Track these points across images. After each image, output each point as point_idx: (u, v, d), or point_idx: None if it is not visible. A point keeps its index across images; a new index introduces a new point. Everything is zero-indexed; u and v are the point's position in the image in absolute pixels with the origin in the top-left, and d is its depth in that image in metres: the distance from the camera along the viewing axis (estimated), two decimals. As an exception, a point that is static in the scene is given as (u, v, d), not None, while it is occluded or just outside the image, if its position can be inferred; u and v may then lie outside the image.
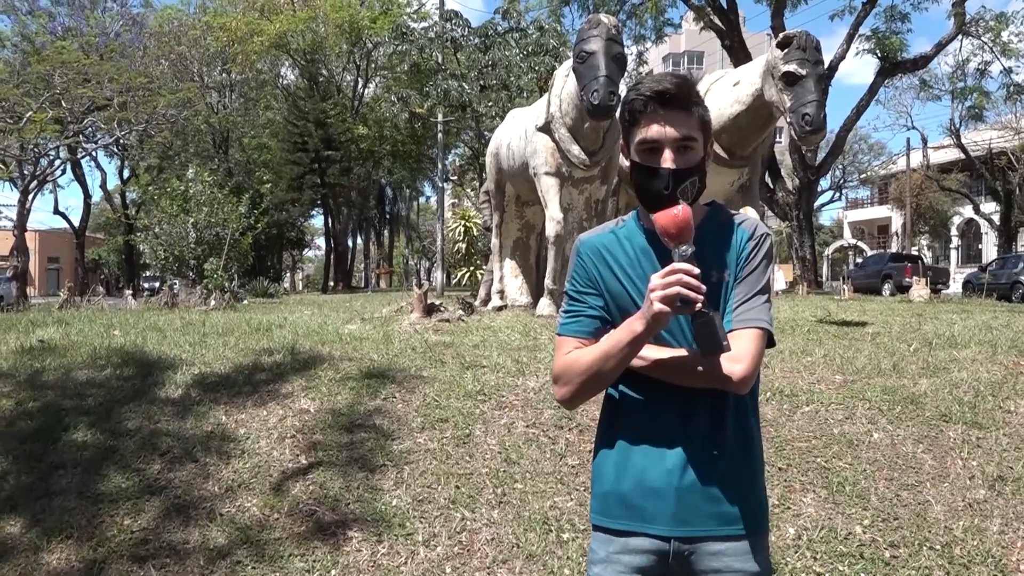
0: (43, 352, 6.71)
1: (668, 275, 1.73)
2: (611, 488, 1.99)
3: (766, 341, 1.93)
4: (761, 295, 1.94)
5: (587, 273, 2.03)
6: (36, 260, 59.60)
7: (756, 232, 1.98)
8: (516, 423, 5.06)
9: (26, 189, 28.51)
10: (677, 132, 1.87)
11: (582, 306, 2.02)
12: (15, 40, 37.71)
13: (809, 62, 7.43)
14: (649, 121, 1.89)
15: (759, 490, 2.01)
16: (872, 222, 58.94)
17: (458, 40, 26.36)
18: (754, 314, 1.91)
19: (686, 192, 1.86)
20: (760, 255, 1.96)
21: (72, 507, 4.34)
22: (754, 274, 1.95)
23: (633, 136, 1.93)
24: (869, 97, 28.67)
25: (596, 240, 2.07)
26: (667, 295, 1.72)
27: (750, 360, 1.86)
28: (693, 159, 1.89)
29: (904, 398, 5.24)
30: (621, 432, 2.00)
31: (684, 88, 1.90)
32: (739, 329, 1.90)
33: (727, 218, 2.02)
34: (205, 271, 17.37)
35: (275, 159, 42.08)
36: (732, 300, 1.93)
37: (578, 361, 1.94)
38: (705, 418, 1.92)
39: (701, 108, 1.94)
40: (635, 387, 1.98)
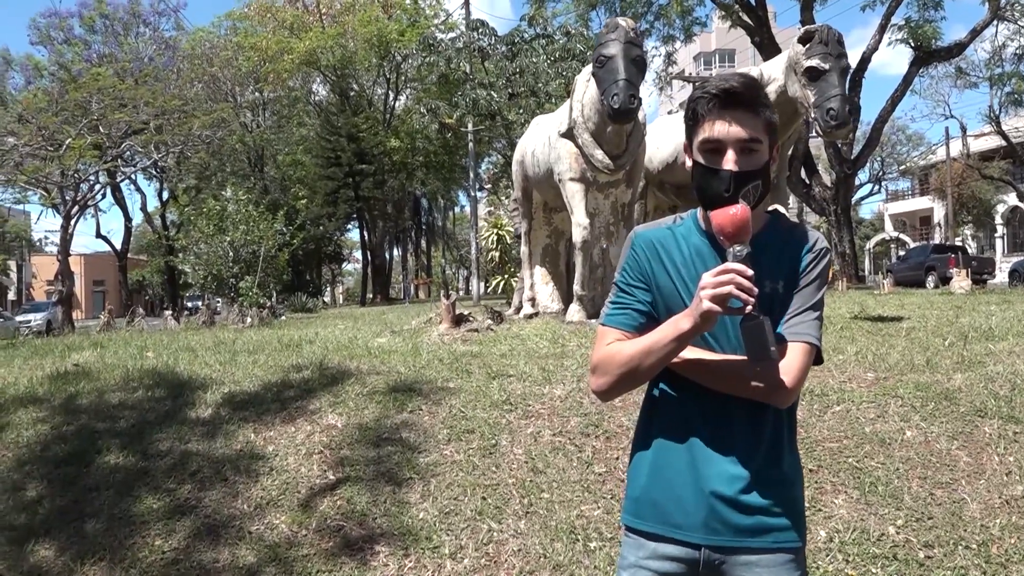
0: (77, 376, 6.83)
1: (721, 274, 1.69)
2: (644, 491, 1.96)
3: (813, 357, 1.88)
4: (813, 311, 1.89)
5: (639, 267, 1.99)
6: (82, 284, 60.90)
7: (816, 246, 1.93)
8: (542, 432, 5.03)
9: (68, 214, 29.02)
10: (742, 132, 1.82)
11: (629, 299, 1.99)
12: (52, 69, 38.52)
13: (832, 56, 7.33)
14: (713, 120, 1.84)
15: (796, 503, 1.95)
16: (914, 214, 58.02)
17: (485, 49, 26.44)
18: (805, 328, 1.87)
19: (748, 196, 1.81)
20: (817, 270, 1.91)
21: (104, 529, 4.40)
22: (809, 288, 1.90)
23: (696, 135, 1.89)
24: (904, 87, 28.23)
25: (651, 234, 2.03)
26: (718, 294, 1.68)
27: (795, 374, 1.82)
28: (757, 162, 1.84)
29: (938, 394, 5.13)
30: (657, 434, 1.97)
31: (751, 88, 1.85)
32: (789, 342, 1.85)
33: (788, 228, 1.98)
34: (240, 289, 17.58)
35: (309, 175, 42.55)
36: (785, 312, 1.89)
37: (619, 353, 1.90)
38: (743, 427, 1.88)
39: (768, 110, 1.88)
40: (675, 388, 1.95)
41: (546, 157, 9.57)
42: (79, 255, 58.77)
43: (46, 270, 49.41)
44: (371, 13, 40.92)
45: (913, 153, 58.03)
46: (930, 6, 26.87)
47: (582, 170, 8.90)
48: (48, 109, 27.95)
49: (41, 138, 27.28)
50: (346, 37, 40.52)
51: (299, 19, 42.79)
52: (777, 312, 1.88)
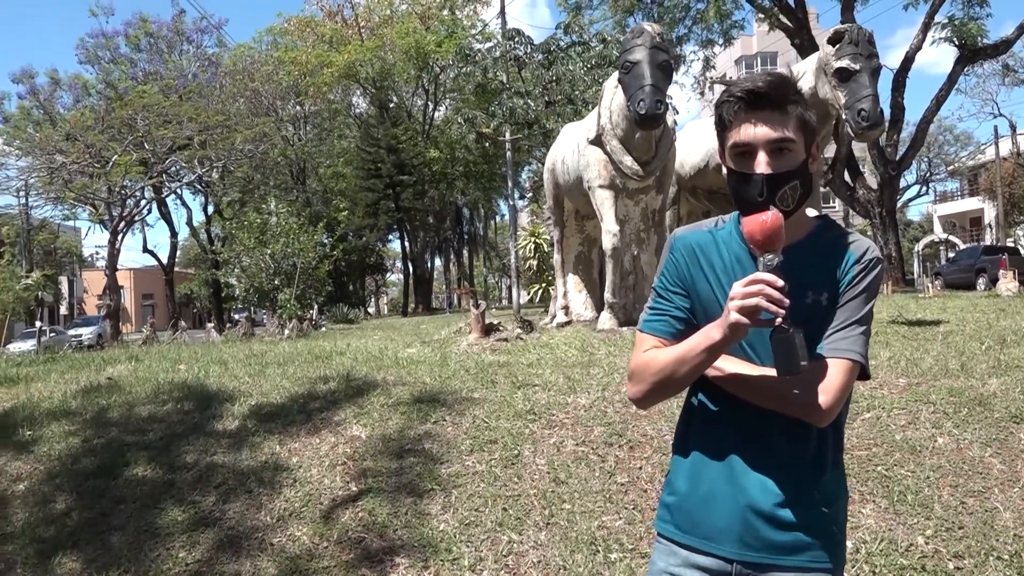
0: (110, 389, 6.93)
1: (750, 284, 1.62)
2: (679, 500, 1.91)
3: (856, 374, 1.79)
4: (859, 325, 1.79)
5: (678, 271, 1.94)
6: (132, 297, 62.13)
7: (865, 256, 1.82)
8: (565, 442, 4.99)
9: (115, 230, 29.64)
10: (771, 133, 1.74)
11: (668, 305, 1.93)
12: (100, 88, 39.37)
13: (862, 56, 7.21)
14: (741, 123, 1.77)
15: (836, 524, 1.87)
16: (963, 215, 56.84)
17: (521, 58, 26.48)
18: (848, 344, 1.77)
19: (785, 198, 1.74)
20: (866, 282, 1.81)
21: (130, 541, 4.44)
22: (855, 301, 1.80)
23: (726, 140, 1.82)
24: (949, 86, 27.70)
25: (691, 238, 1.96)
26: (745, 305, 1.61)
27: (834, 393, 1.73)
28: (792, 162, 1.76)
29: (971, 399, 4.99)
30: (695, 443, 1.92)
31: (779, 86, 1.77)
32: (829, 358, 1.77)
33: (837, 236, 1.87)
34: (279, 301, 17.77)
35: (350, 186, 42.96)
36: (829, 326, 1.80)
37: (654, 361, 1.85)
38: (782, 442, 1.81)
39: (800, 107, 1.79)
40: (713, 399, 1.89)
41: (575, 164, 9.54)
42: (128, 269, 59.98)
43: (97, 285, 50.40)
44: (409, 25, 41.23)
45: (961, 153, 56.95)
46: (975, 3, 26.37)
47: (611, 177, 8.85)
48: (95, 127, 28.60)
49: (88, 155, 27.92)
50: (384, 49, 40.88)
51: (338, 33, 43.27)
52: (818, 325, 1.80)
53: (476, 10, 44.66)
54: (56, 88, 38.99)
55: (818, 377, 1.73)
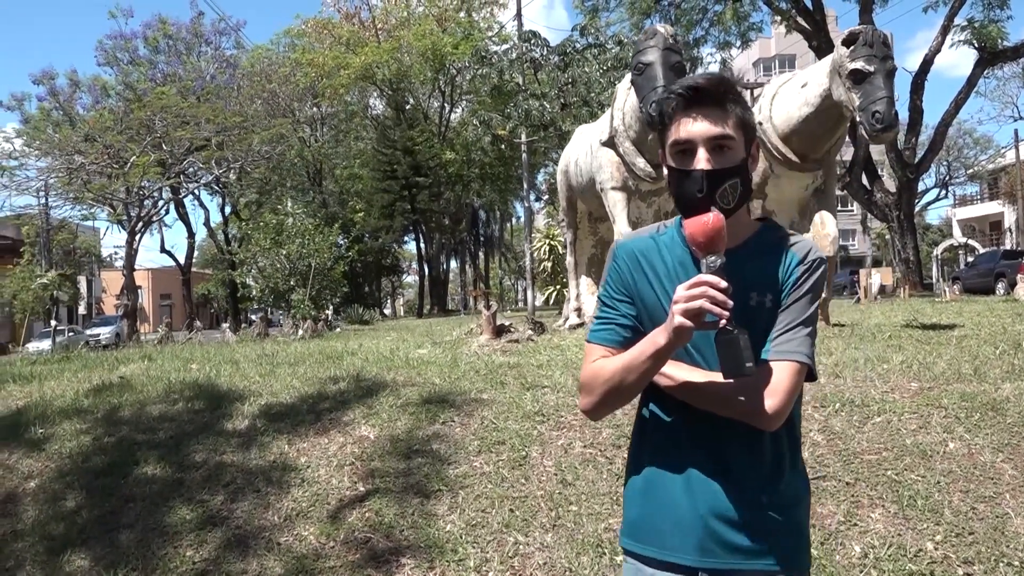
0: (121, 388, 6.97)
1: (693, 287, 1.62)
2: (639, 514, 1.90)
3: (804, 376, 1.79)
4: (804, 326, 1.80)
5: (622, 279, 1.93)
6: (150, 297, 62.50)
7: (808, 257, 1.83)
8: (573, 443, 4.97)
9: (133, 230, 29.84)
10: (711, 129, 1.75)
11: (613, 313, 1.93)
12: (119, 89, 39.65)
13: (877, 58, 7.15)
14: (680, 120, 1.78)
15: (797, 525, 1.87)
16: (983, 219, 56.37)
17: (538, 60, 26.42)
18: (794, 346, 1.78)
19: (725, 196, 1.74)
20: (809, 282, 1.82)
21: (138, 539, 4.46)
22: (800, 303, 1.80)
23: (667, 139, 1.82)
24: (968, 89, 27.50)
25: (634, 245, 1.96)
26: (689, 308, 1.61)
27: (782, 396, 1.73)
28: (732, 159, 1.76)
29: (984, 404, 4.94)
30: (649, 455, 1.90)
31: (718, 84, 1.78)
32: (775, 361, 1.77)
33: (779, 238, 1.88)
34: (292, 302, 17.84)
35: (366, 188, 43.06)
36: (774, 328, 1.80)
37: (602, 371, 1.85)
38: (738, 446, 1.81)
39: (739, 106, 1.80)
40: (664, 408, 1.89)
41: (588, 166, 9.53)
42: (146, 270, 60.34)
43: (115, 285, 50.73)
44: (426, 27, 41.31)
45: (981, 156, 56.54)
46: (995, 5, 26.17)
47: (624, 179, 8.83)
48: (114, 128, 28.80)
49: (107, 156, 28.14)
50: (401, 51, 40.96)
51: (355, 35, 43.41)
52: (763, 327, 1.80)
53: (493, 12, 44.79)
54: (76, 89, 39.32)
55: (765, 381, 1.73)
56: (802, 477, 1.92)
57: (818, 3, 27.21)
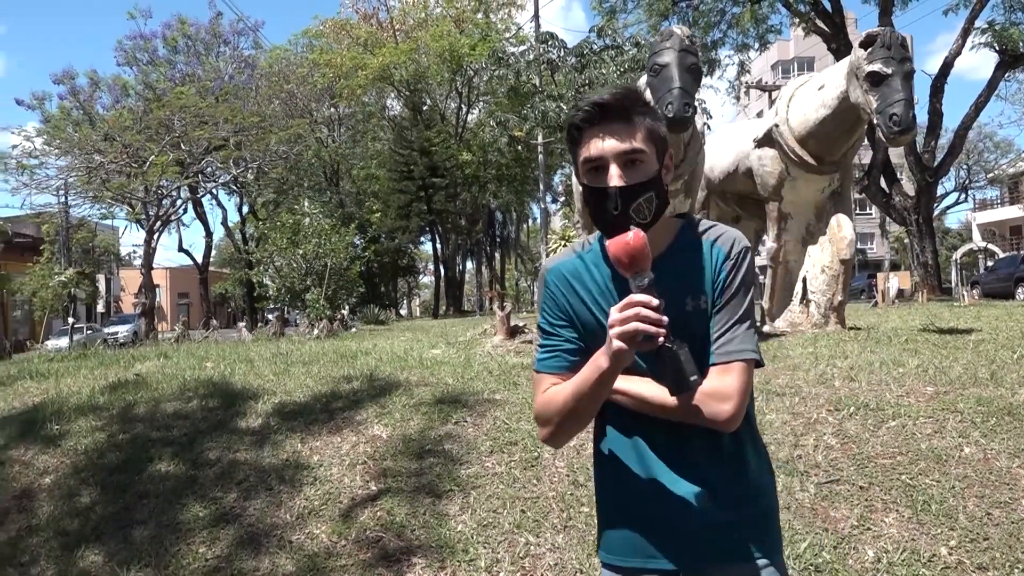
0: (137, 386, 7.02)
1: (625, 308, 1.59)
2: (612, 525, 1.91)
3: (753, 372, 1.79)
4: (742, 323, 1.78)
5: (557, 304, 1.90)
6: (167, 296, 62.87)
7: (733, 251, 1.81)
8: (585, 445, 4.95)
9: (151, 229, 30.08)
10: (620, 145, 1.72)
11: (556, 340, 1.90)
12: (139, 89, 39.94)
13: (894, 60, 7.11)
14: (589, 138, 1.75)
15: (767, 512, 1.88)
16: (1003, 223, 55.89)
17: (554, 61, 26.46)
18: (737, 345, 1.77)
19: (640, 210, 1.72)
20: (739, 277, 1.80)
21: (151, 536, 4.49)
22: (735, 299, 1.79)
23: (579, 156, 1.80)
24: (989, 92, 27.28)
25: (562, 267, 1.93)
26: (625, 332, 1.58)
27: (737, 398, 1.73)
28: (645, 173, 1.73)
29: (1000, 409, 4.89)
30: (614, 466, 1.90)
31: (624, 98, 1.76)
32: (722, 363, 1.76)
33: (700, 234, 1.85)
34: (307, 301, 17.91)
35: (383, 188, 43.15)
36: (712, 330, 1.78)
37: (553, 399, 1.83)
38: (702, 449, 1.81)
39: (648, 118, 1.78)
40: (622, 421, 1.87)
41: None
42: (164, 268, 60.73)
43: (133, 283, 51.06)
44: (443, 28, 41.41)
45: (1001, 160, 56.08)
46: (1017, 8, 26.00)
47: (638, 180, 8.80)
48: (133, 127, 29.04)
49: (126, 155, 28.37)
50: (419, 52, 41.07)
51: (373, 35, 43.55)
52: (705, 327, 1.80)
53: (510, 14, 44.80)
54: (96, 89, 39.60)
55: (718, 385, 1.72)
56: (765, 461, 1.92)
57: (837, 5, 27.06)
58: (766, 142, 8.64)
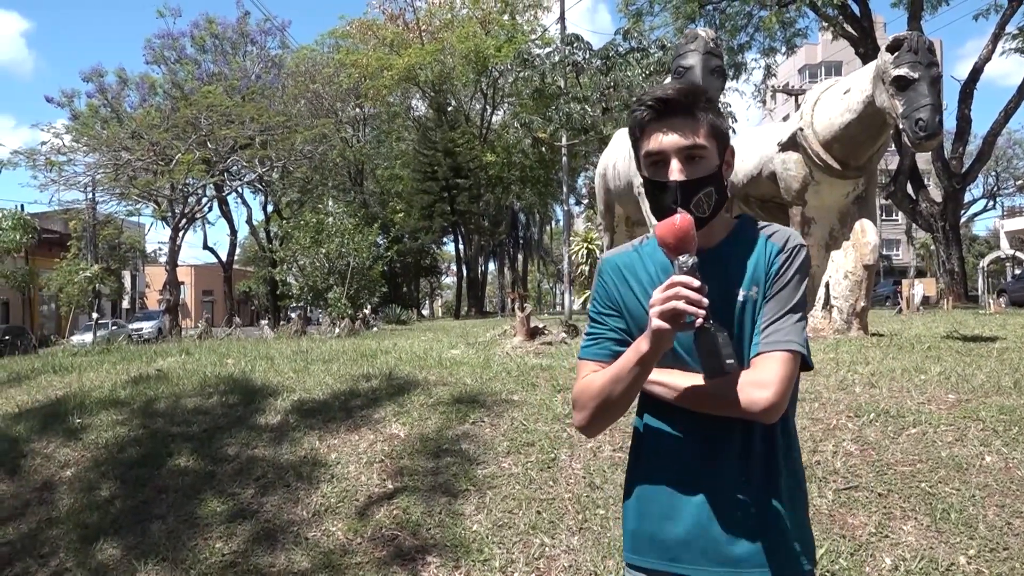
0: (158, 381, 7.07)
1: (667, 288, 1.61)
2: (639, 525, 1.89)
3: (798, 364, 1.77)
4: (793, 313, 1.78)
5: (608, 294, 1.94)
6: (192, 293, 63.43)
7: (788, 244, 1.82)
8: (603, 447, 4.95)
9: (176, 226, 30.35)
10: (682, 140, 1.75)
11: (602, 328, 1.93)
12: (166, 87, 40.31)
13: (921, 65, 7.04)
14: (652, 131, 1.78)
15: (798, 526, 1.85)
16: (1032, 231, 55.30)
17: (580, 63, 26.41)
18: (783, 335, 1.75)
19: (700, 205, 1.74)
20: (792, 269, 1.80)
21: (169, 530, 4.52)
22: (785, 290, 1.79)
23: (640, 151, 1.83)
24: (1019, 98, 26.97)
25: (617, 259, 1.97)
26: (664, 310, 1.60)
27: (777, 386, 1.70)
28: (705, 168, 1.76)
29: (1023, 418, 4.84)
30: (647, 466, 1.89)
31: (688, 94, 1.78)
32: (766, 352, 1.74)
33: (756, 230, 1.87)
34: (329, 300, 18.00)
35: (407, 188, 43.30)
36: (760, 320, 1.78)
37: (591, 385, 1.84)
38: (734, 451, 1.79)
39: (711, 114, 1.79)
40: (659, 417, 1.87)
41: (627, 170, 9.50)
42: (190, 266, 61.25)
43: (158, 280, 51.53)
44: (469, 29, 41.49)
45: (1031, 167, 55.46)
46: (1048, 13, 25.73)
47: (661, 183, 8.78)
48: (160, 125, 29.31)
49: (153, 153, 28.66)
50: (444, 53, 41.18)
51: (399, 36, 43.73)
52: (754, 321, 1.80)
53: (536, 15, 44.79)
54: (124, 87, 40.02)
55: (759, 373, 1.71)
56: (798, 477, 1.90)
57: (866, 9, 26.87)
58: (790, 146, 8.59)
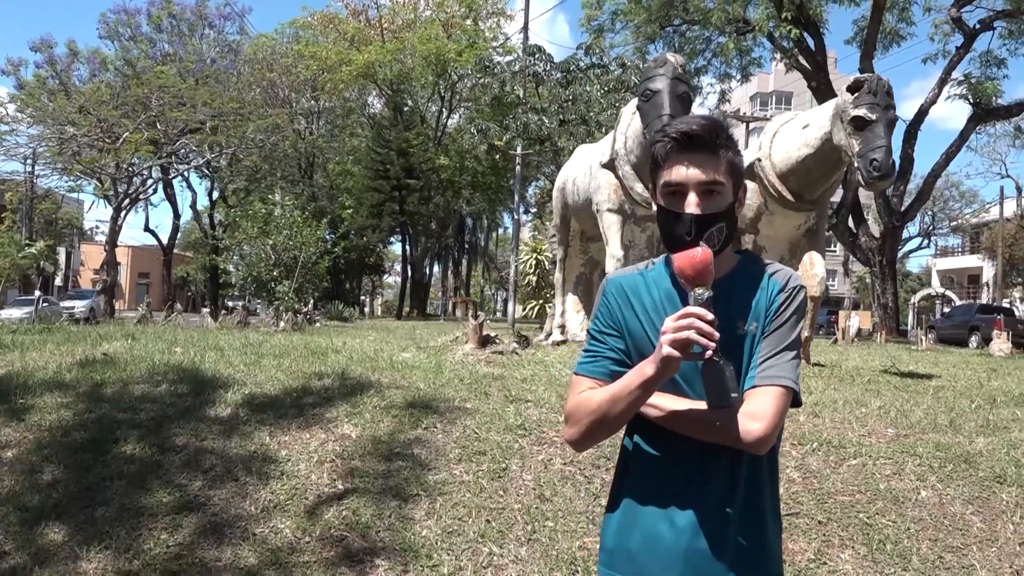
0: (105, 365, 6.94)
1: (681, 318, 1.67)
2: (618, 542, 1.94)
3: (790, 400, 1.84)
4: (789, 351, 1.85)
5: (610, 313, 1.99)
6: (128, 275, 62.05)
7: (788, 284, 1.90)
8: (554, 460, 5.02)
9: (119, 206, 29.72)
10: (702, 175, 1.81)
11: (601, 347, 1.98)
12: (118, 64, 39.44)
13: (879, 107, 7.28)
14: (673, 163, 1.84)
15: (770, 557, 1.92)
16: (962, 271, 57.05)
17: (540, 74, 26.50)
18: (779, 371, 1.83)
19: (712, 239, 1.81)
20: (791, 309, 1.88)
21: (113, 518, 4.44)
22: (783, 328, 1.86)
23: (659, 179, 1.88)
24: (960, 143, 27.92)
25: (623, 281, 2.02)
26: (677, 339, 1.65)
27: (770, 420, 1.77)
28: (720, 204, 1.83)
29: (957, 456, 5.04)
30: (632, 485, 1.95)
31: (711, 130, 1.84)
32: (762, 386, 1.82)
33: (759, 267, 1.95)
34: (276, 293, 17.80)
35: (357, 185, 42.99)
36: (758, 354, 1.85)
37: (588, 402, 1.89)
38: (720, 477, 1.85)
39: (731, 152, 1.87)
40: (649, 439, 1.93)
41: (586, 186, 9.61)
42: (127, 247, 59.94)
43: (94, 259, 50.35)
44: (431, 31, 41.42)
45: (966, 210, 57.28)
46: (992, 63, 26.66)
47: (621, 202, 8.92)
48: (109, 102, 28.69)
49: (100, 130, 28.03)
50: (405, 53, 41.02)
51: (360, 32, 43.44)
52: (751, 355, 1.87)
53: (499, 23, 44.92)
54: (74, 60, 38.98)
55: (752, 406, 1.78)
56: (776, 505, 1.98)
57: (820, 44, 27.52)
58: (747, 175, 8.77)
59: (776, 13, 24.26)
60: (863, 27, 27.63)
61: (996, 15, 26.20)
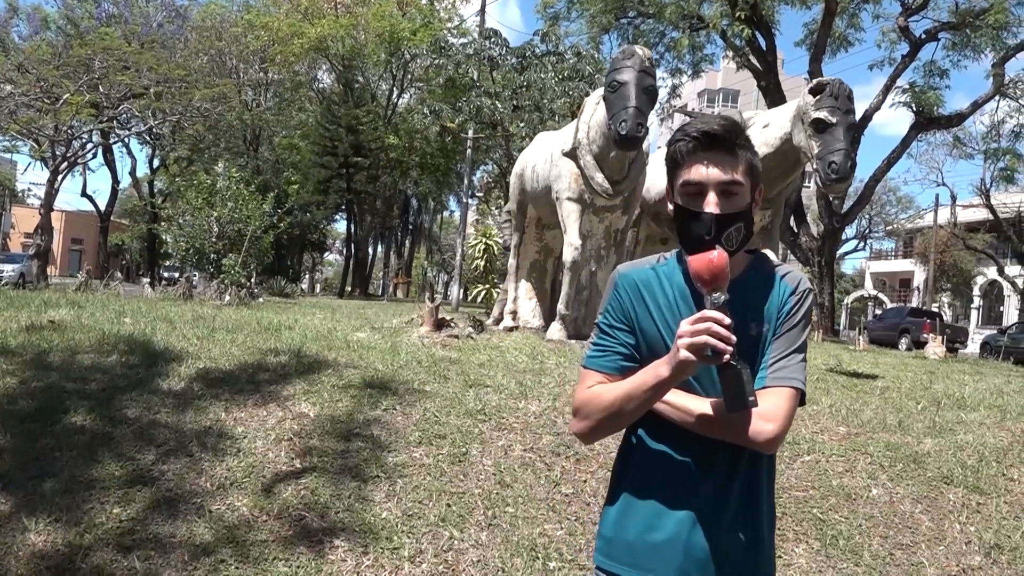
0: (52, 332, 6.75)
1: (698, 322, 1.67)
2: (617, 533, 1.95)
3: (798, 400, 1.88)
4: (798, 353, 1.88)
5: (622, 308, 1.97)
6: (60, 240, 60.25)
7: (799, 287, 1.92)
8: (514, 446, 5.03)
9: (56, 169, 28.76)
10: (722, 175, 1.82)
11: (612, 341, 1.97)
12: (60, 23, 38.20)
13: (840, 110, 7.41)
14: (693, 163, 1.84)
15: (764, 552, 1.95)
16: (895, 275, 58.64)
17: (495, 59, 26.45)
18: (789, 372, 1.86)
19: (730, 239, 1.81)
20: (802, 312, 1.90)
21: (63, 490, 4.33)
22: (794, 331, 1.89)
23: (677, 178, 1.88)
24: (901, 150, 28.53)
25: (635, 275, 2.00)
26: (694, 343, 1.66)
27: (782, 420, 1.81)
28: (738, 204, 1.84)
29: (907, 456, 5.18)
30: (634, 477, 1.96)
31: (731, 131, 1.84)
32: (772, 387, 1.84)
33: (771, 269, 1.96)
34: (223, 266, 17.47)
35: (304, 161, 42.36)
36: (768, 355, 1.87)
37: (600, 397, 1.89)
38: (721, 473, 1.87)
39: (749, 153, 1.88)
40: (654, 433, 1.94)
41: (546, 174, 9.60)
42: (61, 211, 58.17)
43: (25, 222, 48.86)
44: (386, 8, 40.84)
45: (901, 215, 58.75)
46: (935, 73, 27.28)
47: (581, 191, 8.93)
48: (50, 62, 27.73)
49: (39, 90, 27.08)
50: (358, 29, 40.42)
51: (314, 4, 42.62)
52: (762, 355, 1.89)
53: (454, 4, 44.55)
54: (13, 16, 37.66)
55: (764, 406, 1.79)
56: (773, 505, 2.01)
57: (771, 44, 27.85)
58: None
59: (730, 11, 24.48)
60: (813, 30, 28.01)
61: (941, 26, 26.80)
